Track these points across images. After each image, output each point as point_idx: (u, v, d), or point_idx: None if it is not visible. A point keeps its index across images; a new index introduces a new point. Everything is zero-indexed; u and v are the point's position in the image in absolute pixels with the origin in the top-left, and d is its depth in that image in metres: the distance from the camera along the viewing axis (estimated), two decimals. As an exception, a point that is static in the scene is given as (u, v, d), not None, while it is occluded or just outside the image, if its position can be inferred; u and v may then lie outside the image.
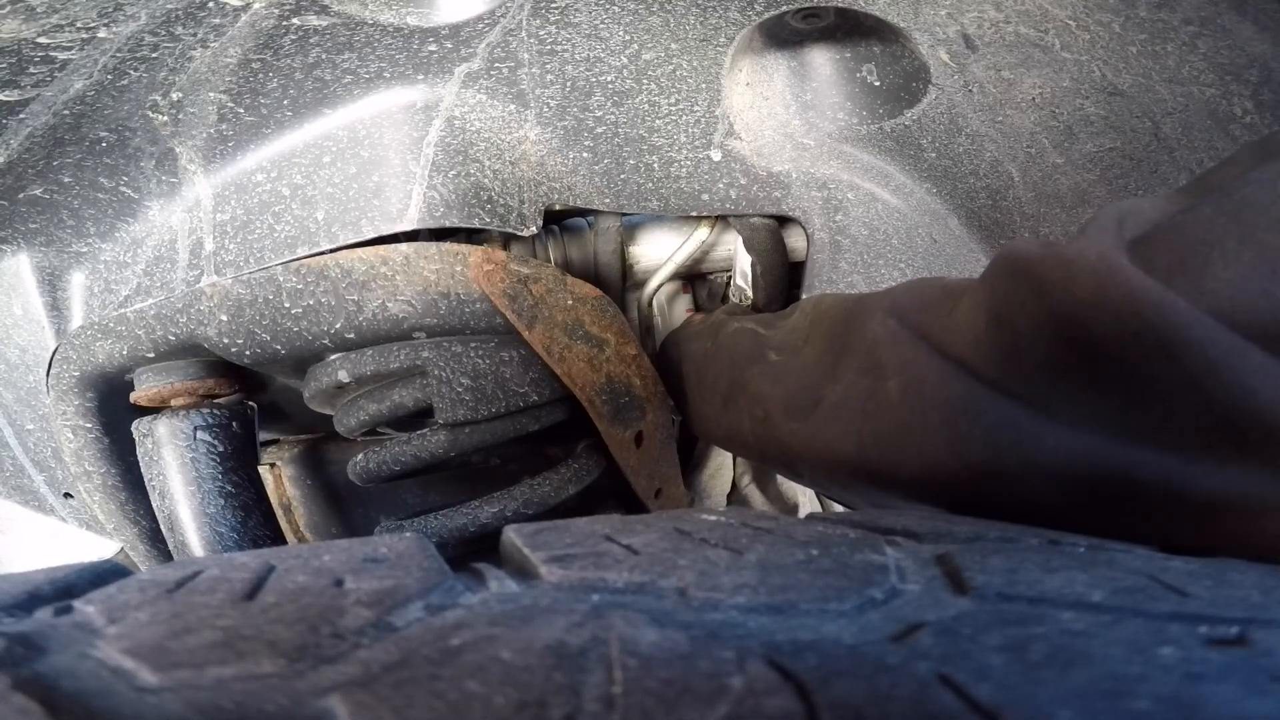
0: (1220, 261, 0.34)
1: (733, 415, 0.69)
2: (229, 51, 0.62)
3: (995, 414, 0.41)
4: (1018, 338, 0.41)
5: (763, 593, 0.28)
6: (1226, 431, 0.34)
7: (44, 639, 0.25)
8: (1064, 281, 0.38)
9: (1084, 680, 0.22)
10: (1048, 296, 0.39)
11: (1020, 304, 0.41)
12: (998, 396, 0.41)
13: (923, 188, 0.85)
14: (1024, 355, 0.41)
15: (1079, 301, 0.37)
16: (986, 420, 0.42)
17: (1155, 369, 0.35)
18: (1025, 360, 0.41)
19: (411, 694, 0.21)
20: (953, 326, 0.46)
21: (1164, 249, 0.36)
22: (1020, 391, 0.41)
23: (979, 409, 0.42)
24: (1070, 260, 0.38)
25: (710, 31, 0.73)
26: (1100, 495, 0.39)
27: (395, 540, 0.36)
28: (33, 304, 0.74)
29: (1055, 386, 0.40)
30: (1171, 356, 0.34)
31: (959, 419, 0.43)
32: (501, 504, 0.73)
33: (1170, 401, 0.35)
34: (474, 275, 0.68)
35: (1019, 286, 0.41)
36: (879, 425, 0.48)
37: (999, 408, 0.41)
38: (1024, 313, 0.41)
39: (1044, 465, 0.40)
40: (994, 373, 0.42)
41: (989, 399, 0.42)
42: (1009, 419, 0.41)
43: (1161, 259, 0.35)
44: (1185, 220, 0.36)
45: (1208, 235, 0.35)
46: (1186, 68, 0.65)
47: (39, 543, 0.99)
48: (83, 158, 0.66)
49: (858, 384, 0.50)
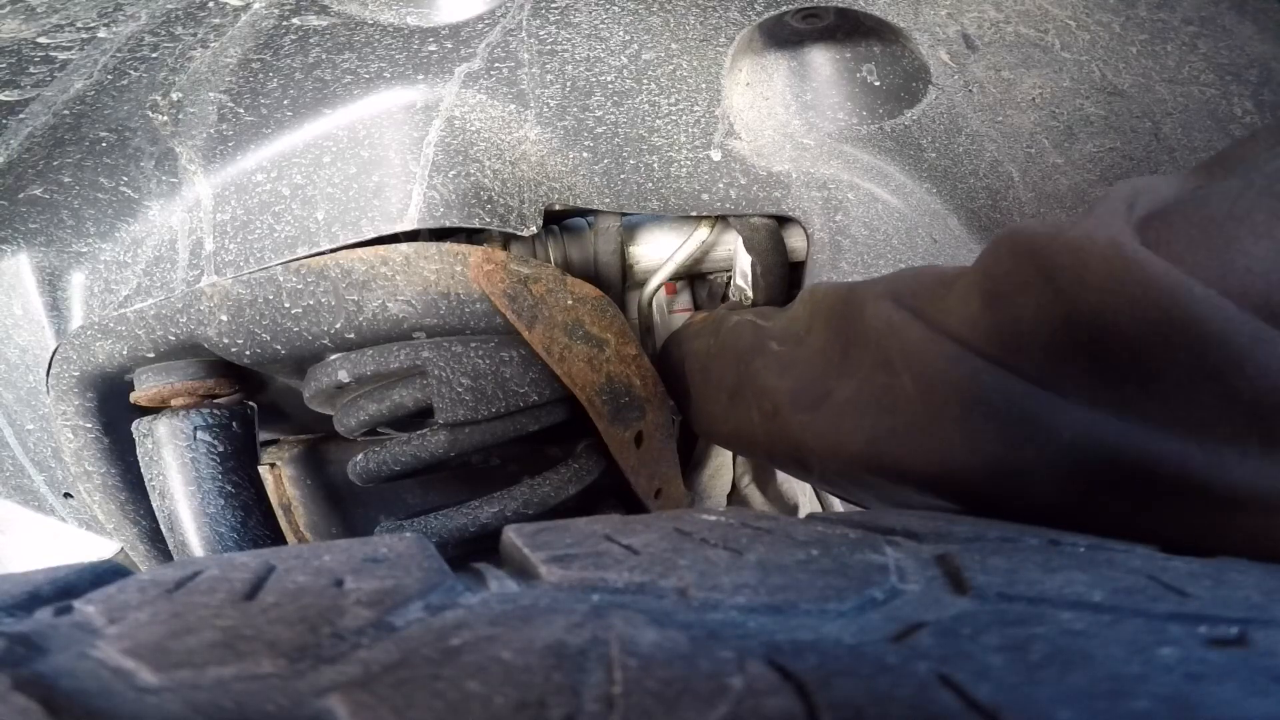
0: (1250, 236, 0.32)
1: (740, 411, 0.68)
2: (229, 51, 0.62)
3: (1004, 393, 0.40)
4: (1018, 319, 0.40)
5: (763, 593, 0.28)
6: (1251, 421, 0.33)
7: (44, 639, 0.25)
8: (1073, 266, 0.37)
9: (1084, 680, 0.22)
10: (1054, 280, 0.38)
11: (1024, 285, 0.40)
12: (1005, 374, 0.40)
13: (923, 188, 0.85)
14: (1027, 336, 0.40)
15: (1090, 287, 0.36)
16: (997, 400, 0.40)
17: (1175, 358, 0.34)
18: (1029, 341, 0.40)
19: (411, 694, 0.21)
20: (948, 308, 0.45)
21: (1185, 224, 0.34)
22: (1026, 370, 0.40)
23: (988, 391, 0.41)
24: (1079, 244, 0.37)
25: (710, 31, 0.73)
26: (1118, 482, 0.37)
27: (395, 540, 0.36)
28: (33, 304, 0.74)
29: (1064, 369, 0.38)
30: (1192, 346, 0.33)
31: (974, 407, 0.42)
32: (501, 504, 0.73)
33: (1192, 391, 0.34)
34: (474, 275, 0.68)
35: (1021, 267, 0.40)
36: (895, 421, 0.47)
37: (1007, 386, 0.40)
38: (1027, 294, 0.39)
39: (1059, 447, 0.38)
40: (995, 351, 0.41)
41: (996, 377, 0.41)
42: (1018, 397, 0.40)
43: (1180, 233, 0.34)
44: (1209, 194, 0.34)
45: (1235, 210, 0.33)
46: (1186, 68, 0.65)
47: (39, 543, 0.99)
48: (83, 158, 0.66)
49: (873, 379, 0.49)
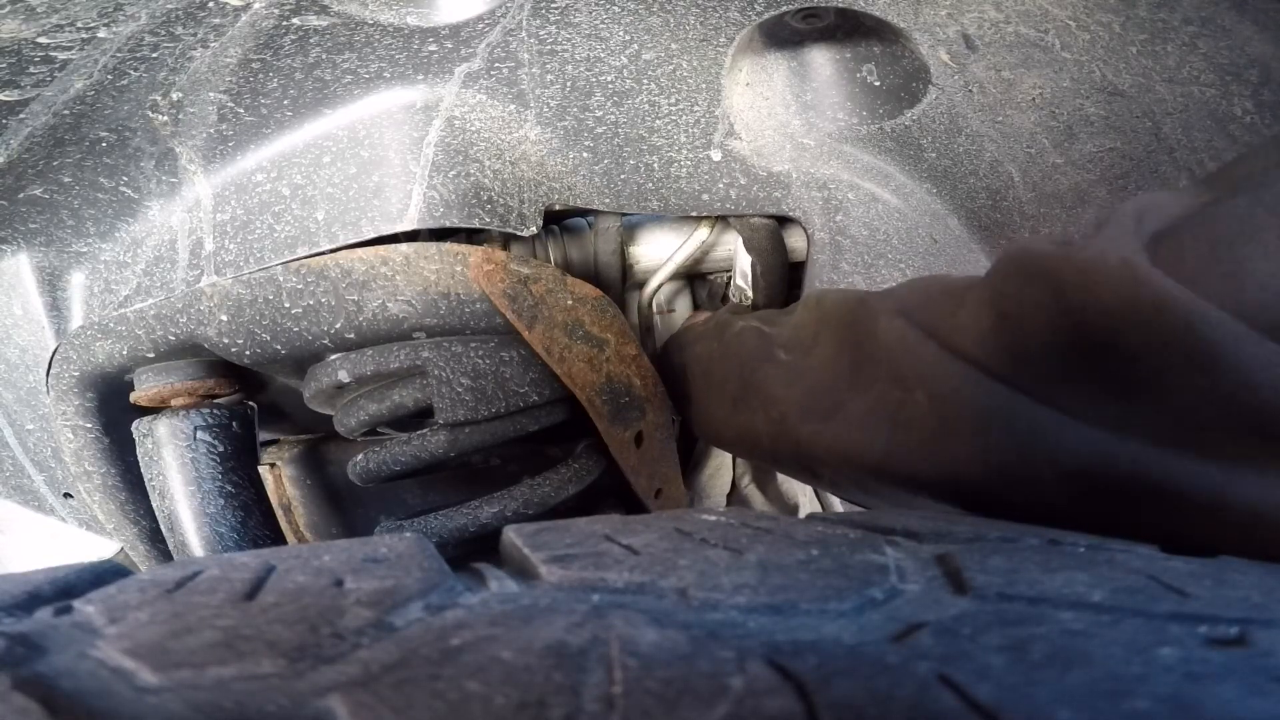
0: (1260, 256, 0.32)
1: (745, 417, 0.68)
2: (229, 51, 0.62)
3: (1015, 412, 0.41)
4: (1028, 337, 0.40)
5: (763, 593, 0.28)
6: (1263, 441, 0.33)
7: (44, 639, 0.25)
8: (1083, 287, 0.37)
9: (1084, 680, 0.22)
10: (1065, 300, 0.38)
11: (1034, 305, 0.40)
12: (1015, 395, 0.41)
13: (923, 188, 0.85)
14: (1037, 355, 0.40)
15: (1101, 308, 0.36)
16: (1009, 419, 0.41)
17: (1188, 379, 0.34)
18: (1039, 360, 0.40)
19: (411, 694, 0.21)
20: (959, 325, 0.45)
21: (1194, 242, 0.34)
22: (1035, 390, 0.40)
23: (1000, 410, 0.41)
24: (1090, 264, 0.37)
25: (710, 31, 0.73)
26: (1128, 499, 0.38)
27: (395, 540, 0.36)
28: (33, 304, 0.74)
29: (1075, 389, 0.39)
30: (1205, 368, 0.33)
31: (986, 424, 0.42)
32: (501, 504, 0.73)
33: (1204, 411, 0.34)
34: (474, 275, 0.68)
35: (1031, 287, 0.40)
36: (910, 435, 0.48)
37: (1018, 405, 0.41)
38: (1038, 313, 0.40)
39: (1068, 466, 0.39)
40: (1005, 369, 0.42)
41: (1008, 397, 0.41)
42: (1029, 417, 0.40)
43: (1191, 252, 0.34)
44: (1218, 212, 0.34)
45: (1245, 228, 0.33)
46: (1186, 68, 0.65)
47: (39, 543, 0.99)
48: (83, 158, 0.66)
49: (888, 395, 0.50)
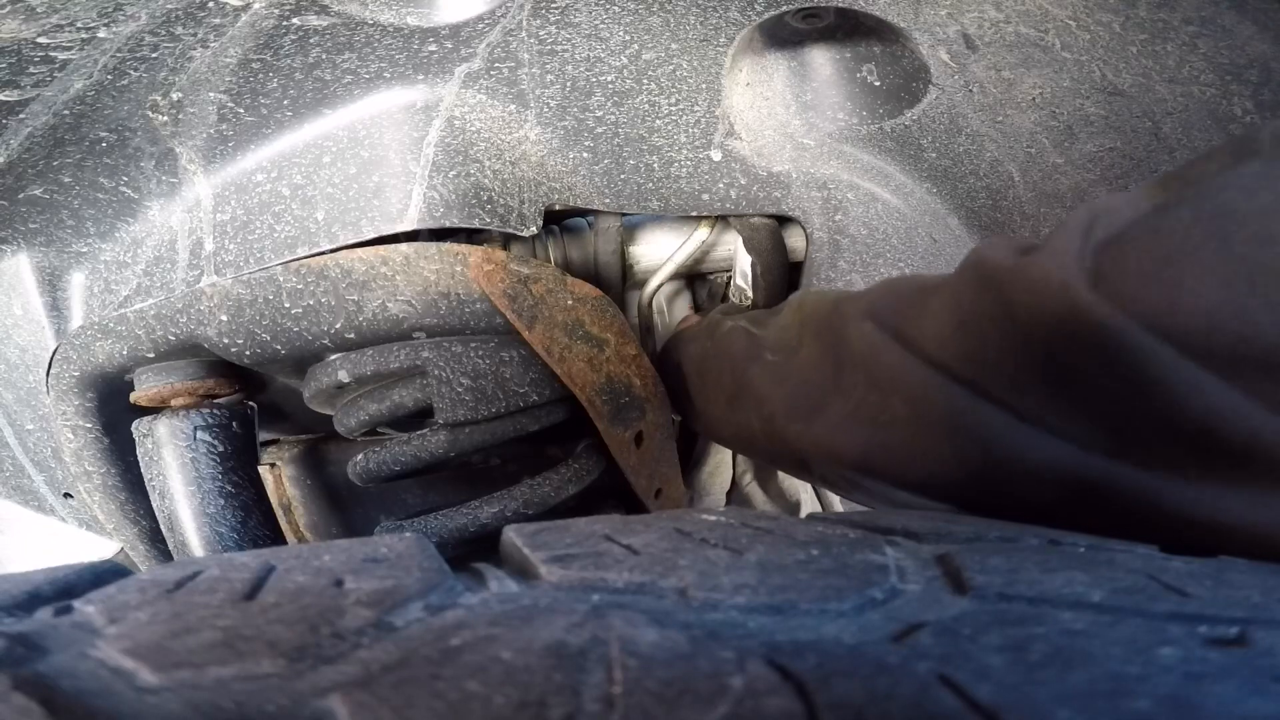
0: (1197, 273, 0.33)
1: (740, 415, 0.69)
2: (229, 51, 0.62)
3: (977, 416, 0.43)
4: (985, 346, 0.42)
5: (763, 593, 0.28)
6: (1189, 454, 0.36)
7: (44, 639, 0.25)
8: (1028, 306, 0.39)
9: (1084, 680, 0.22)
10: (1014, 315, 0.40)
11: (988, 316, 0.42)
12: (977, 399, 0.43)
13: (923, 188, 0.85)
14: (993, 363, 0.42)
15: (1045, 327, 0.38)
16: (972, 422, 0.43)
17: (1124, 398, 0.37)
18: (995, 367, 0.42)
19: (411, 694, 0.21)
20: (923, 328, 0.47)
21: (1136, 255, 0.35)
22: (995, 394, 0.42)
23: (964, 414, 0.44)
24: (1034, 284, 0.39)
25: (710, 31, 0.73)
26: (1088, 501, 0.40)
27: (395, 540, 0.36)
28: (33, 304, 0.74)
29: (1028, 396, 0.41)
30: (1140, 391, 0.36)
31: (956, 427, 0.44)
32: (501, 504, 0.73)
33: (1141, 427, 0.37)
34: (474, 275, 0.68)
35: (985, 298, 0.42)
36: (888, 436, 0.49)
37: (979, 409, 0.43)
38: (991, 325, 0.42)
39: (1032, 469, 0.41)
40: (967, 374, 0.44)
41: (969, 400, 0.43)
42: (989, 421, 0.42)
43: (1134, 266, 0.35)
44: (1161, 224, 0.35)
45: (1184, 243, 0.34)
46: (1186, 68, 0.65)
47: (39, 543, 0.99)
48: (83, 158, 0.66)
49: (867, 399, 0.51)
